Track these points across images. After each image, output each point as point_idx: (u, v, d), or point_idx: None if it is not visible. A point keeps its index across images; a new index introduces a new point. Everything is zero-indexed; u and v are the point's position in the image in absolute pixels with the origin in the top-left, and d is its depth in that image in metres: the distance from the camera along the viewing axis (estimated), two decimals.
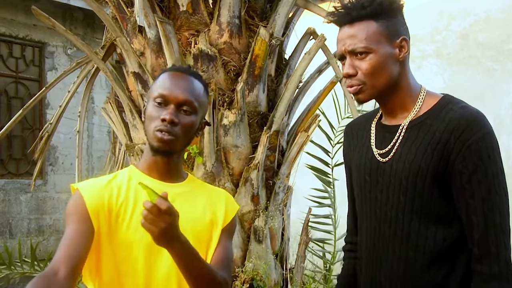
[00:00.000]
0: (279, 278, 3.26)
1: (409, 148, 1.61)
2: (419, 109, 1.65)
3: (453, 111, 1.59)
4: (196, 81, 1.72)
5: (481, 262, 1.54)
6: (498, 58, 5.59)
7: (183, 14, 3.20)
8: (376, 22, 1.59)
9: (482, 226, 1.53)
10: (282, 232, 3.34)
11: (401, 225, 1.61)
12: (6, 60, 7.14)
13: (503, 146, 5.39)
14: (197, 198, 1.75)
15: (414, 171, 1.58)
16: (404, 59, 1.64)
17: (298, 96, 3.50)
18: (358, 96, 1.65)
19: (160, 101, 1.65)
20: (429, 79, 5.81)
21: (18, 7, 6.97)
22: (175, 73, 1.71)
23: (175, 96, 1.65)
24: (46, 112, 7.26)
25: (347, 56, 1.63)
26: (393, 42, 1.61)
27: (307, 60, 3.31)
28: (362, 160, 1.72)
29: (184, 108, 1.65)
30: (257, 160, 3.10)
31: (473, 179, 1.53)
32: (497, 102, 5.53)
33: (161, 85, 1.68)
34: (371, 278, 1.69)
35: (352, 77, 1.62)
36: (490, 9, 5.66)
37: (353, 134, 1.82)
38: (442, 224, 1.59)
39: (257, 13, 3.31)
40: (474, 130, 1.54)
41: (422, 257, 1.59)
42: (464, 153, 1.54)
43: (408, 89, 1.67)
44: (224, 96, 3.13)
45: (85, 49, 3.51)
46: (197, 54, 3.13)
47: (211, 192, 1.81)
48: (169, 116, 1.62)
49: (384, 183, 1.65)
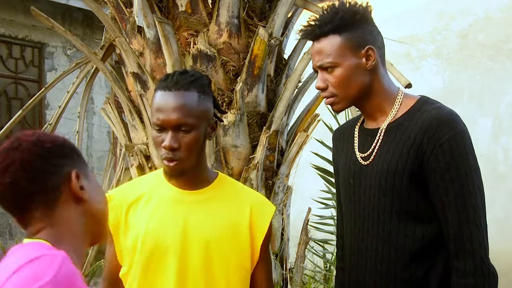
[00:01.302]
0: (279, 278, 3.26)
1: (387, 150, 1.67)
2: (397, 111, 1.70)
3: (427, 112, 1.64)
4: (187, 93, 1.65)
5: (457, 258, 1.58)
6: (498, 58, 5.59)
7: (182, 14, 3.20)
8: (340, 36, 1.66)
9: (456, 223, 1.58)
10: (282, 232, 3.34)
11: (383, 225, 1.66)
12: (5, 61, 7.15)
13: (502, 146, 5.42)
14: (220, 203, 1.72)
15: (392, 172, 1.64)
16: (374, 67, 1.68)
17: (297, 96, 3.50)
18: (333, 107, 1.74)
19: (158, 128, 1.65)
20: (428, 79, 5.81)
21: (17, 7, 6.97)
22: (164, 93, 1.67)
23: (168, 121, 1.62)
24: (46, 113, 7.26)
25: (318, 71, 1.71)
26: (358, 53, 1.66)
27: (306, 60, 3.30)
28: (346, 163, 1.79)
29: (182, 128, 1.63)
30: (257, 160, 3.10)
31: (446, 177, 1.59)
32: (497, 102, 5.53)
33: (155, 110, 1.66)
34: (356, 277, 1.74)
35: (324, 90, 1.70)
36: (490, 9, 5.67)
37: (340, 138, 1.90)
38: (421, 222, 1.64)
39: (256, 13, 3.31)
40: (445, 130, 1.59)
41: (403, 255, 1.64)
42: (437, 152, 1.59)
43: (383, 93, 1.72)
44: (223, 96, 3.13)
45: (84, 49, 3.51)
46: (196, 54, 3.13)
47: (239, 195, 1.77)
48: (168, 143, 1.61)
49: (366, 185, 1.71)
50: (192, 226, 1.66)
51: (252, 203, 1.76)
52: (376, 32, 1.71)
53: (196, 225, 1.66)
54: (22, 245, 1.17)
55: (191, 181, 1.71)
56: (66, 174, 1.20)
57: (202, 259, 1.65)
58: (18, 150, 1.17)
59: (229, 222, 1.70)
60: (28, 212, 1.18)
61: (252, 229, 1.72)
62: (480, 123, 5.45)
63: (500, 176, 5.24)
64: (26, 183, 1.15)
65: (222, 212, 1.71)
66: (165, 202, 1.70)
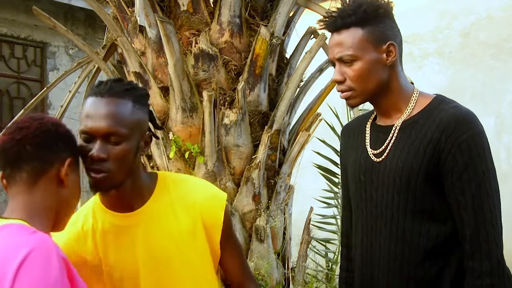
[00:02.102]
0: (281, 277, 3.26)
1: (402, 148, 1.65)
2: (412, 109, 1.68)
3: (445, 110, 1.62)
4: (121, 101, 1.51)
5: (472, 258, 1.56)
6: (500, 57, 5.58)
7: (184, 13, 3.20)
8: (362, 29, 1.63)
9: (473, 223, 1.56)
10: (283, 232, 3.34)
11: (396, 223, 1.64)
12: (8, 61, 7.15)
13: (504, 144, 5.41)
14: (165, 216, 1.60)
15: (407, 170, 1.62)
16: (393, 63, 1.67)
17: (299, 95, 3.50)
18: (349, 102, 1.70)
19: (85, 136, 1.49)
20: (430, 78, 5.81)
21: (19, 7, 6.97)
22: (96, 99, 1.51)
23: (95, 129, 1.47)
24: (48, 112, 7.26)
25: (336, 63, 1.67)
26: (380, 48, 1.64)
27: (308, 59, 3.30)
28: (357, 160, 1.76)
29: (111, 139, 1.47)
30: (259, 160, 3.10)
31: (464, 176, 1.57)
32: (499, 101, 5.53)
33: (84, 116, 1.50)
34: (370, 275, 1.72)
35: (341, 84, 1.67)
36: (491, 8, 5.66)
37: (349, 135, 1.86)
38: (436, 221, 1.62)
39: (258, 12, 3.31)
40: (464, 129, 1.58)
41: (417, 254, 1.62)
42: (455, 152, 1.57)
43: (399, 91, 1.69)
44: (225, 95, 3.13)
45: (86, 49, 3.52)
46: (198, 54, 3.13)
47: (185, 198, 1.64)
48: (96, 153, 1.46)
49: (378, 182, 1.68)
50: (144, 249, 1.57)
51: (201, 201, 1.63)
52: (396, 29, 1.69)
53: (148, 247, 1.58)
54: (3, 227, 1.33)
55: (128, 201, 1.57)
56: (62, 157, 1.42)
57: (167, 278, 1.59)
58: (37, 122, 1.41)
59: (180, 233, 1.60)
60: (18, 171, 1.38)
61: (207, 229, 1.63)
62: (482, 122, 5.35)
63: (502, 175, 5.23)
64: (31, 147, 1.37)
65: (171, 225, 1.60)
66: (108, 233, 1.59)
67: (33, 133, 1.37)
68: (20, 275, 1.20)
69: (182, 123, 3.11)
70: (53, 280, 1.22)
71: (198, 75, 3.14)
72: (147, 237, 1.58)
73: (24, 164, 1.37)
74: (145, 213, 1.59)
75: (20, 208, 1.38)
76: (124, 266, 1.58)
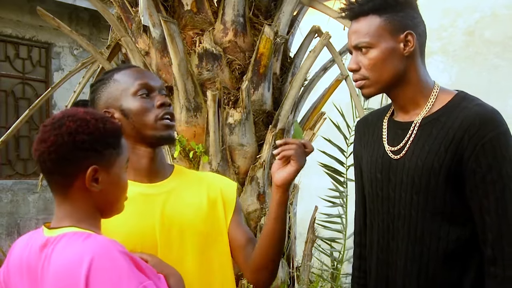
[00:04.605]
0: (286, 276, 3.26)
1: (422, 146, 1.58)
2: (432, 105, 1.62)
3: (468, 108, 1.55)
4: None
5: (495, 264, 1.50)
6: (504, 55, 5.57)
7: (188, 13, 3.20)
8: (380, 17, 1.58)
9: (496, 227, 1.50)
10: (288, 231, 3.34)
11: (415, 224, 1.58)
12: (13, 61, 7.18)
13: None
14: (190, 188, 1.68)
15: (427, 170, 1.55)
16: (411, 54, 1.60)
17: (303, 94, 3.50)
18: (363, 91, 1.64)
19: (144, 92, 1.59)
20: (435, 76, 5.71)
21: (24, 8, 6.99)
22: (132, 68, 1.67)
23: (155, 82, 1.62)
24: (53, 112, 7.28)
25: (353, 51, 1.63)
26: (397, 37, 1.58)
27: (312, 58, 3.30)
28: (373, 157, 1.69)
29: (163, 92, 1.63)
30: (263, 159, 3.10)
31: (487, 178, 1.50)
32: (504, 99, 5.51)
33: (134, 78, 1.61)
34: (386, 276, 1.66)
35: (356, 72, 1.62)
36: (496, 6, 5.64)
37: (364, 130, 1.79)
38: (455, 224, 1.55)
39: (262, 11, 3.31)
40: (488, 129, 1.51)
41: (436, 256, 1.56)
42: (478, 152, 1.50)
43: (418, 84, 1.63)
44: (229, 95, 3.13)
45: (90, 49, 3.53)
46: (202, 53, 3.13)
47: (204, 178, 1.75)
48: (167, 100, 1.59)
49: (396, 181, 1.61)
50: (170, 216, 1.60)
51: (219, 179, 1.77)
52: (418, 20, 1.64)
53: (174, 213, 1.61)
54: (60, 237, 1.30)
55: (158, 169, 1.65)
56: (84, 166, 1.33)
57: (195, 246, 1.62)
58: (54, 134, 1.32)
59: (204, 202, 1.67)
60: (49, 183, 1.37)
61: (224, 203, 1.71)
62: None
63: None
64: (50, 163, 1.33)
65: (193, 196, 1.67)
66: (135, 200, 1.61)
67: (49, 149, 1.32)
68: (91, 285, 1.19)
69: (187, 123, 3.11)
70: (125, 280, 1.20)
71: (202, 74, 3.14)
72: (169, 205, 1.63)
73: (50, 178, 1.36)
74: (167, 185, 1.66)
75: (66, 216, 1.35)
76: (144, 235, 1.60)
